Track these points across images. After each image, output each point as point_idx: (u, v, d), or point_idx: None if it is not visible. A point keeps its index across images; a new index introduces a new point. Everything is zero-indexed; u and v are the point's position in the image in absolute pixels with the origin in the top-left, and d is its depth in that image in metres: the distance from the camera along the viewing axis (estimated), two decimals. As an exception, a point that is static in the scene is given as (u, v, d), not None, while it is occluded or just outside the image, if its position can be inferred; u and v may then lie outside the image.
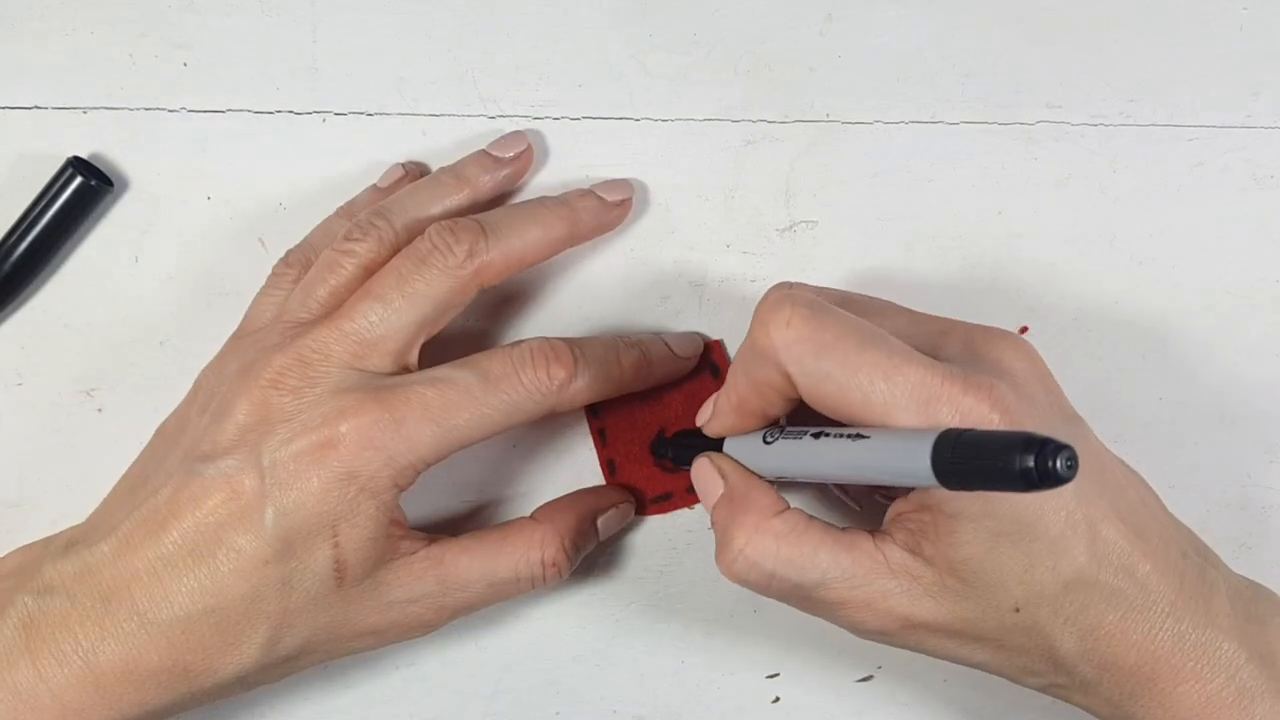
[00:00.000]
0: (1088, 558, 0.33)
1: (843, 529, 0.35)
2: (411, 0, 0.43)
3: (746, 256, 0.43)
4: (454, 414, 0.36)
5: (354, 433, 0.35)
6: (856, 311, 0.35)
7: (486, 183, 0.41)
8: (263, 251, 0.43)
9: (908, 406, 0.32)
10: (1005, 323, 0.40)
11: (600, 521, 0.41)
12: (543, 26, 0.43)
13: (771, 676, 0.44)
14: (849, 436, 0.33)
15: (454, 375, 0.36)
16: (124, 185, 0.43)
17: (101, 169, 0.43)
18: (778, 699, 0.44)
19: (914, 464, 0.29)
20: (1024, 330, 0.43)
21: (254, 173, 0.43)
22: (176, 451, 0.37)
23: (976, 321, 0.37)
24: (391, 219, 0.39)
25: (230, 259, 0.43)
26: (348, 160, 0.43)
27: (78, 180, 0.41)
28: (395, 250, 0.38)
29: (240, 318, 0.40)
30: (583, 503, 0.42)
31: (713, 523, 0.36)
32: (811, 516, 0.35)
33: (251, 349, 0.38)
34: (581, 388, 0.38)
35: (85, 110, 0.43)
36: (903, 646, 0.36)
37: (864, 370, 0.32)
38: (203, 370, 0.39)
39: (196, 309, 0.43)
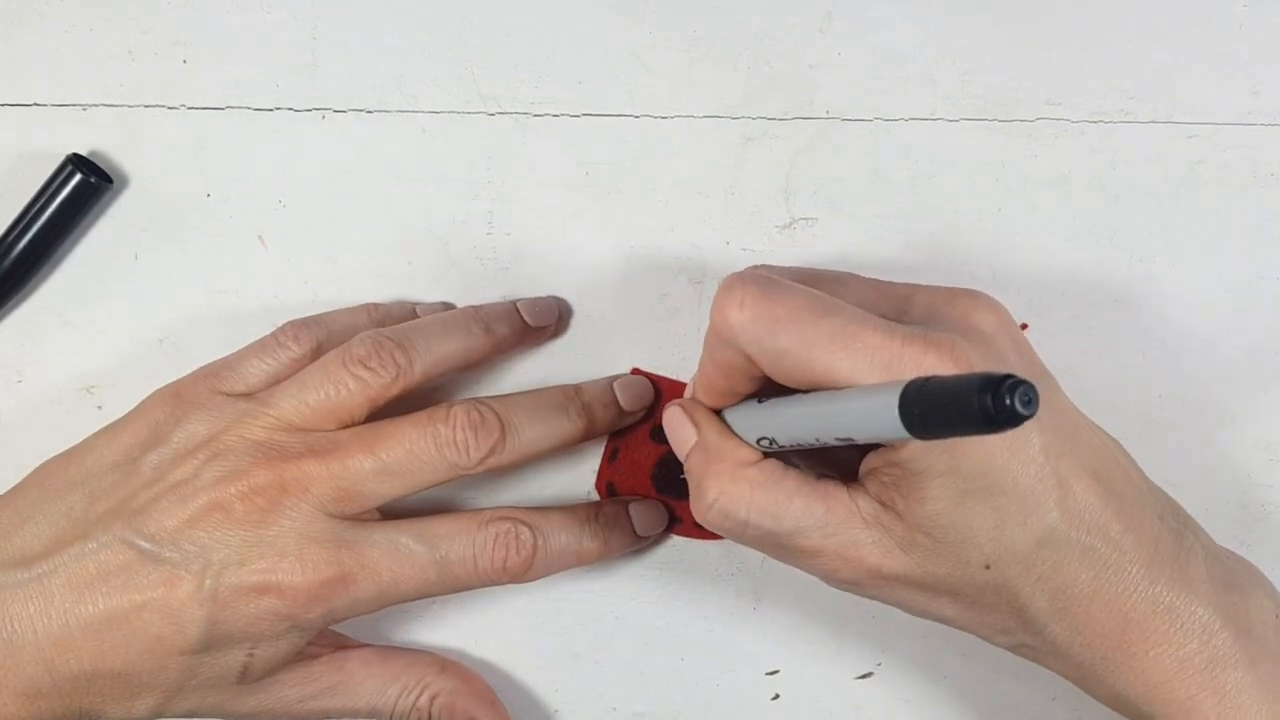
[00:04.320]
0: (1059, 514, 0.33)
1: (818, 479, 0.35)
2: (411, -3, 0.43)
3: (746, 253, 0.43)
4: (402, 585, 0.37)
5: (304, 588, 0.36)
6: (821, 285, 0.34)
7: (511, 342, 0.41)
8: (262, 249, 0.43)
9: (870, 372, 0.31)
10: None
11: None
12: (542, 23, 0.43)
13: (771, 673, 0.44)
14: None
15: (413, 550, 0.37)
16: (124, 182, 0.43)
17: (101, 166, 0.43)
18: (777, 696, 0.44)
19: (885, 417, 0.28)
20: (1024, 328, 0.43)
21: (253, 170, 0.43)
22: (115, 495, 0.37)
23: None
24: (413, 358, 0.38)
25: (230, 256, 0.43)
26: (347, 157, 0.43)
27: (77, 177, 0.41)
28: (405, 390, 0.38)
29: (239, 315, 0.40)
30: (487, 699, 0.42)
31: (686, 471, 0.36)
32: (787, 465, 0.35)
33: (227, 420, 0.37)
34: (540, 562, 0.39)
35: (85, 107, 0.43)
36: (874, 598, 0.36)
37: (821, 342, 0.32)
38: (159, 395, 0.39)
39: (196, 306, 0.43)
